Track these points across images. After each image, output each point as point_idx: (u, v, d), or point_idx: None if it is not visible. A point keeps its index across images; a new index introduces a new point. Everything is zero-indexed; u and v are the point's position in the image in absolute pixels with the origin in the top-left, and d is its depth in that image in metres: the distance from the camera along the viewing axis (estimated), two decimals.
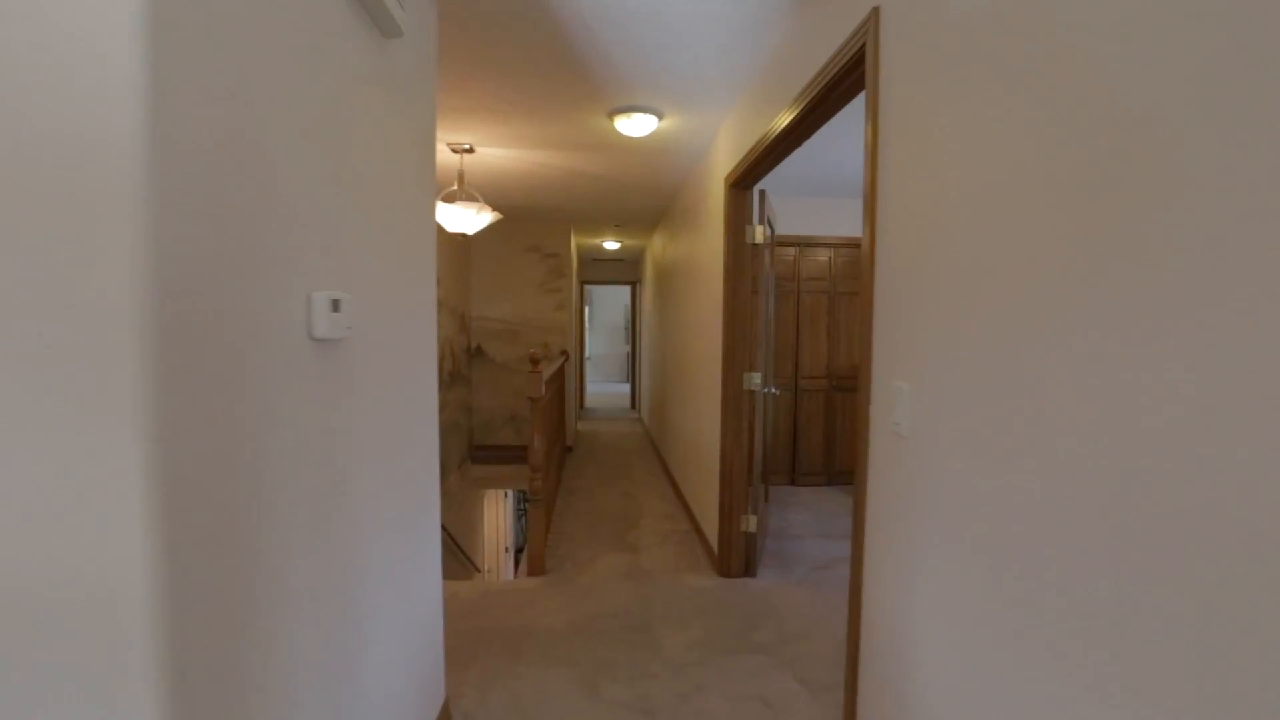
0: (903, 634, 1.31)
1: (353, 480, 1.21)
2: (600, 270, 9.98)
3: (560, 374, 5.47)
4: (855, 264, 5.05)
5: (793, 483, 5.09)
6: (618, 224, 6.40)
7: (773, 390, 3.56)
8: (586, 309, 14.69)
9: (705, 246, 3.68)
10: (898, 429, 1.31)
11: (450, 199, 3.51)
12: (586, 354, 14.59)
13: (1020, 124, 0.94)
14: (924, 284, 1.22)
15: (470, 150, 3.63)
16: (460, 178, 3.68)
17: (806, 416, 5.07)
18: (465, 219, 3.52)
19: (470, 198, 3.58)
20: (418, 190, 1.65)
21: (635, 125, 3.04)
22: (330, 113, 1.10)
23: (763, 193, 3.03)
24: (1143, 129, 0.73)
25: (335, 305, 1.08)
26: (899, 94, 1.34)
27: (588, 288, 14.12)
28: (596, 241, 7.66)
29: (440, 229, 4.22)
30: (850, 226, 4.99)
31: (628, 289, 11.57)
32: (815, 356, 5.06)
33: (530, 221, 6.24)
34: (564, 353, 6.28)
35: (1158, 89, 0.71)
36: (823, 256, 5.02)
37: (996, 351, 1.00)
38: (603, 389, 13.11)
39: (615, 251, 8.56)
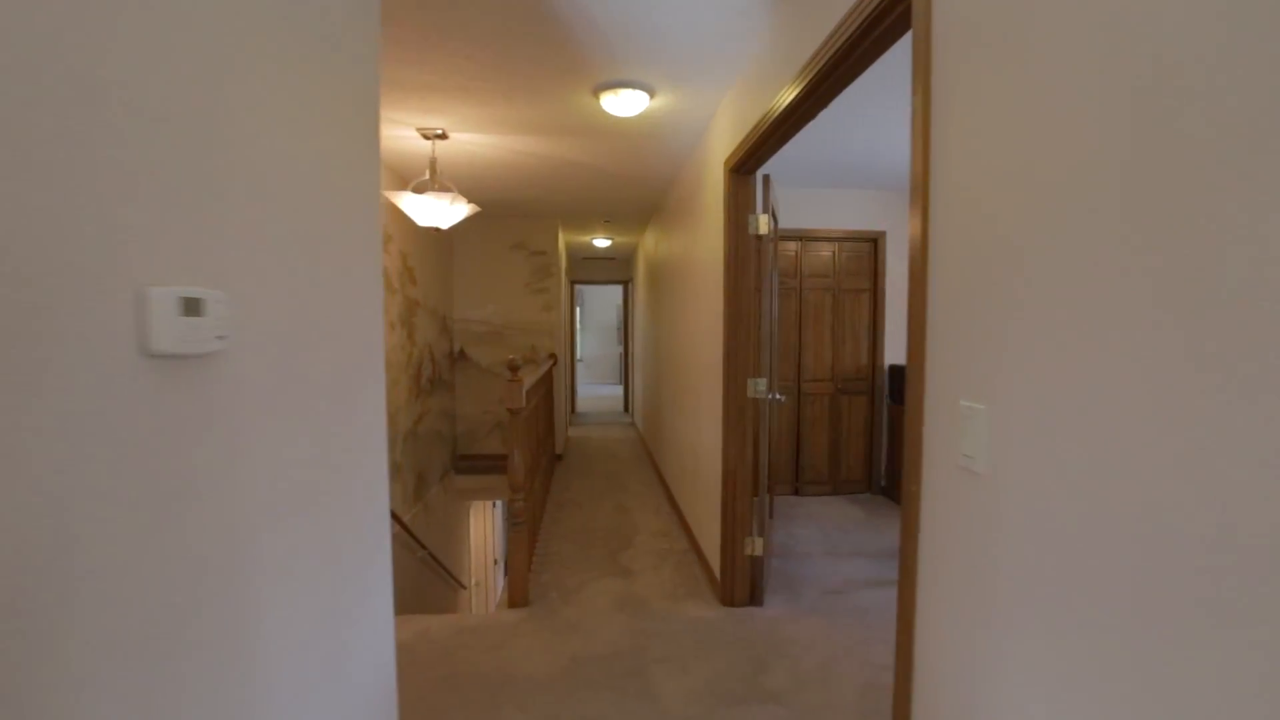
0: None
1: (239, 552, 0.88)
2: (590, 269, 9.66)
3: (548, 379, 5.14)
4: (861, 259, 4.75)
5: (796, 492, 4.79)
6: (608, 219, 6.08)
7: (778, 397, 3.25)
8: (578, 309, 14.38)
9: (703, 240, 3.37)
10: (969, 463, 0.99)
11: (421, 189, 3.19)
12: (578, 356, 14.27)
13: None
14: (1009, 280, 0.91)
15: (443, 136, 3.30)
16: (432, 166, 3.35)
17: (810, 422, 4.77)
18: (438, 211, 3.19)
19: (444, 188, 3.25)
20: (354, 161, 1.33)
21: (624, 104, 2.73)
22: (185, 40, 0.78)
23: (767, 178, 2.71)
24: None
25: (192, 306, 0.76)
26: (965, 38, 1.02)
27: (578, 287, 13.81)
28: (586, 239, 7.33)
29: (412, 224, 3.89)
30: (855, 219, 4.69)
31: (619, 288, 11.26)
32: (819, 358, 4.76)
33: (514, 217, 5.91)
34: (552, 356, 5.96)
35: None
36: (826, 251, 4.72)
37: (1125, 365, 0.69)
38: (595, 392, 12.79)
39: (606, 250, 8.23)
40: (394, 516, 3.72)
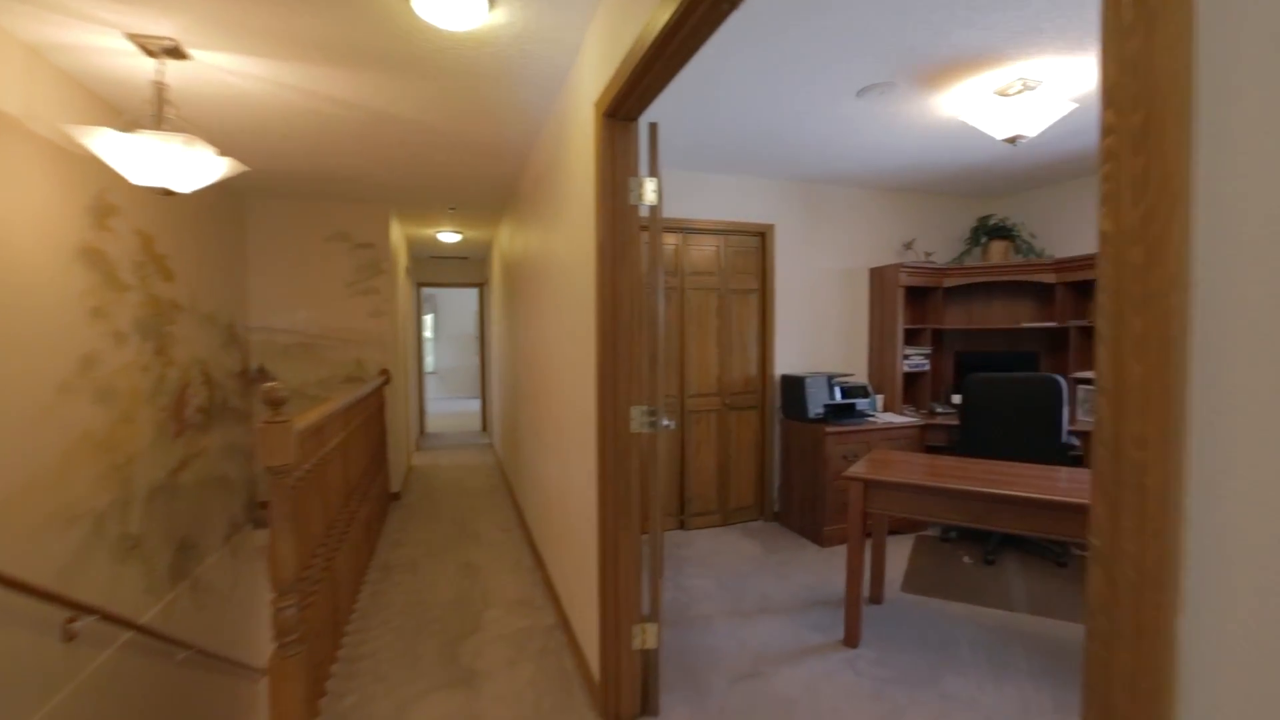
0: None
1: None
2: (440, 270, 8.47)
3: (372, 403, 4.06)
4: (748, 255, 4.19)
5: (681, 526, 4.11)
6: (453, 207, 5.07)
7: (668, 424, 2.53)
8: (430, 316, 12.97)
9: (569, 221, 2.56)
10: None
11: (134, 127, 2.07)
12: (430, 368, 12.88)
13: None
14: None
15: (178, 52, 2.20)
16: (159, 93, 2.23)
17: (696, 443, 4.12)
18: (163, 162, 2.09)
19: (177, 129, 2.15)
20: None
21: (448, 4, 1.85)
22: None
23: (654, 128, 1.97)
24: None
25: None
26: None
27: (428, 291, 12.44)
28: (430, 232, 6.23)
29: (169, 199, 2.70)
30: (741, 209, 4.13)
31: (475, 292, 10.15)
32: (704, 369, 4.13)
33: (330, 200, 4.72)
34: (384, 372, 4.83)
35: None
36: (710, 246, 4.10)
37: None
38: (451, 408, 11.50)
39: (456, 247, 7.15)
40: (118, 620, 2.52)
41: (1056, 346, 4.22)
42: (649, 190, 1.96)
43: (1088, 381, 3.86)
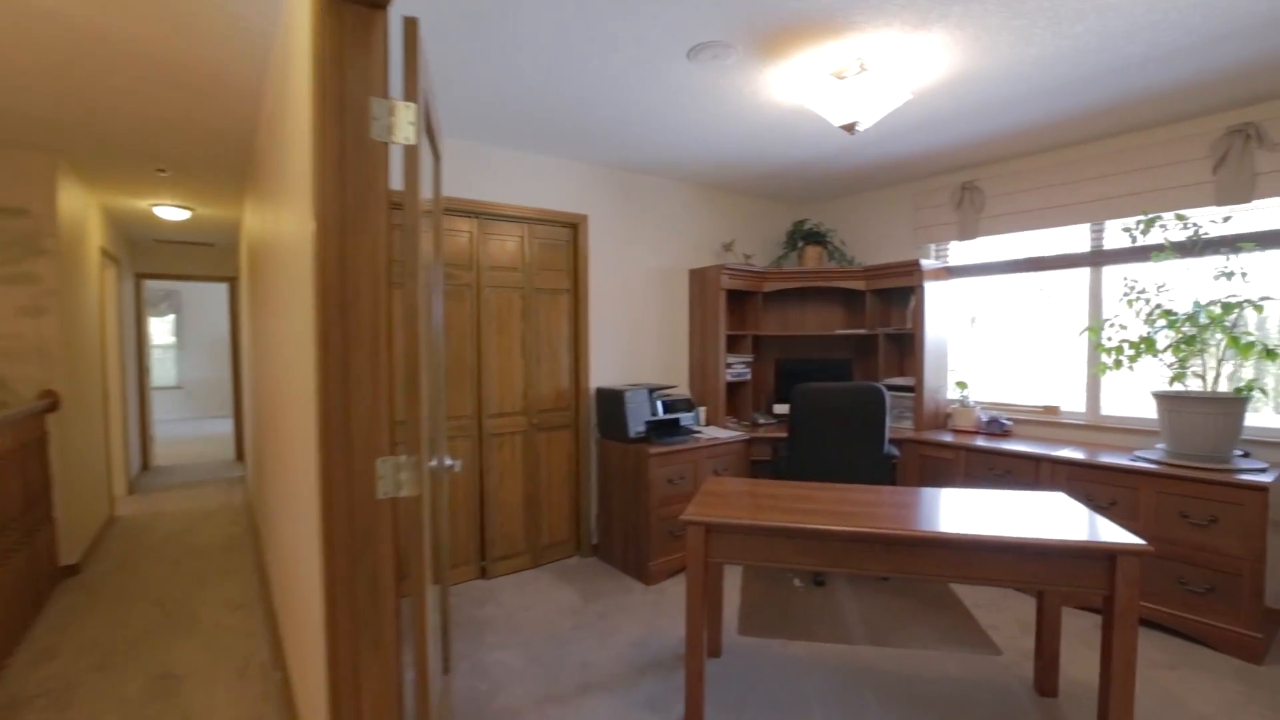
0: None
1: None
2: (176, 259, 6.67)
3: (22, 438, 2.73)
4: (558, 250, 3.60)
5: (483, 574, 3.39)
6: (163, 169, 3.77)
7: (450, 464, 1.84)
8: (172, 317, 10.49)
9: (291, 175, 1.73)
10: None
11: None
12: (172, 381, 10.45)
13: None
14: None
15: None
16: None
17: (498, 473, 3.42)
18: None
19: None
20: None
21: None
22: None
23: (413, 24, 1.27)
24: None
25: None
26: None
27: (171, 286, 10.07)
28: (143, 205, 4.71)
29: None
30: (550, 196, 3.52)
31: (225, 288, 8.30)
32: (508, 383, 3.45)
33: None
34: (47, 394, 3.40)
35: None
36: (513, 237, 3.44)
37: None
38: (202, 430, 9.35)
39: (190, 228, 5.59)
40: None
41: (866, 353, 4.24)
42: (404, 120, 1.26)
43: (897, 388, 3.89)
